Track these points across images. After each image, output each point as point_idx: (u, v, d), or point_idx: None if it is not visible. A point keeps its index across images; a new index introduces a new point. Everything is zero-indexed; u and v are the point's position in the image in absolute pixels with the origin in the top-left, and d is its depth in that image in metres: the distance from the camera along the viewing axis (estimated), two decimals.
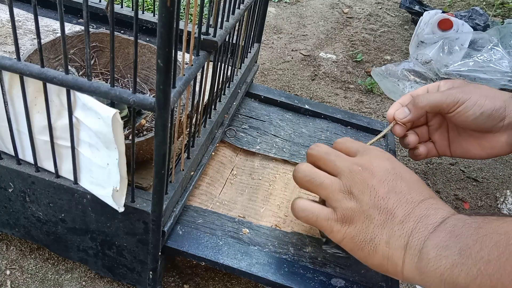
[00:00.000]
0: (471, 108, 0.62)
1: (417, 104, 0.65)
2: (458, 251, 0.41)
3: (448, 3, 1.98)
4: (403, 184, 0.50)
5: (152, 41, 0.89)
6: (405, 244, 0.46)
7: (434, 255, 0.42)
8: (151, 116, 0.67)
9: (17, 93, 0.48)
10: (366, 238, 0.48)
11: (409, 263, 0.45)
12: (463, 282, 0.39)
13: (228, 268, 0.58)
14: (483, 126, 0.64)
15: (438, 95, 0.64)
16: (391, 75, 1.30)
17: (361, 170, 0.51)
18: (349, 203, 0.50)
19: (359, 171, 0.51)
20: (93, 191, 0.52)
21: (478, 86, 0.65)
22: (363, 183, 0.50)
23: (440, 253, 0.42)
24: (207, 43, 0.52)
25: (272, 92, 0.93)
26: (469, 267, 0.39)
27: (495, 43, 1.30)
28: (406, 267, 0.46)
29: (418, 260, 0.44)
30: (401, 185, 0.50)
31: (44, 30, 0.86)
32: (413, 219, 0.46)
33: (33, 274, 0.64)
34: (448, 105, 0.63)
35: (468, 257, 0.40)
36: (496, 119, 0.63)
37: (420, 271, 0.44)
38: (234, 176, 0.74)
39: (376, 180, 0.50)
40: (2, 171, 0.56)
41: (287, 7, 1.74)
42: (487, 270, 0.38)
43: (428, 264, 0.43)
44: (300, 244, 0.64)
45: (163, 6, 0.34)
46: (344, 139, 0.61)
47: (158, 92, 0.39)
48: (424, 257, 0.43)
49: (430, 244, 0.43)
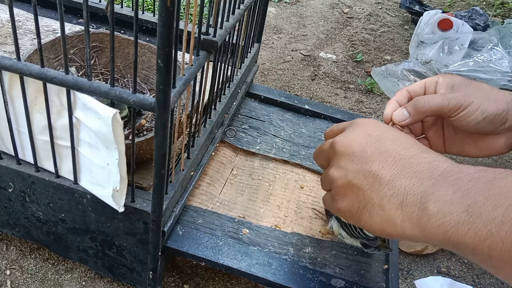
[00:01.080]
0: (474, 113, 0.60)
1: (418, 109, 0.62)
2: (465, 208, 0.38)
3: (448, 3, 1.98)
4: (388, 143, 0.48)
5: (152, 41, 0.89)
6: (400, 203, 0.44)
7: (436, 211, 0.40)
8: (151, 116, 0.67)
9: (17, 93, 0.48)
10: (360, 206, 0.47)
11: (408, 221, 0.43)
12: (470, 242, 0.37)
13: (228, 269, 0.58)
14: (485, 130, 0.61)
15: (439, 99, 0.61)
16: (391, 75, 1.30)
17: (343, 142, 0.50)
18: (335, 174, 0.49)
19: (341, 143, 0.50)
20: (93, 191, 0.52)
21: (480, 86, 0.63)
22: (344, 152, 0.49)
23: (443, 208, 0.39)
24: (207, 43, 0.52)
25: (272, 92, 0.93)
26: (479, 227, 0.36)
27: (495, 43, 1.30)
28: (406, 226, 0.43)
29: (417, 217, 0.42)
30: (386, 144, 0.48)
31: (44, 30, 0.86)
32: (405, 176, 0.44)
33: (33, 274, 0.64)
34: (450, 110, 0.60)
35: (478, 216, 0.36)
36: (498, 123, 0.60)
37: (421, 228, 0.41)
38: (234, 176, 0.74)
39: (358, 146, 0.48)
40: (2, 171, 0.56)
41: (287, 7, 1.74)
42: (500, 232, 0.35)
43: (429, 221, 0.40)
44: (300, 244, 0.64)
45: (163, 6, 0.34)
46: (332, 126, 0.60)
47: (158, 92, 0.39)
48: (425, 212, 0.41)
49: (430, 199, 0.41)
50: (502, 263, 0.35)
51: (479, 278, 0.79)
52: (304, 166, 0.78)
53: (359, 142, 0.49)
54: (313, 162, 0.78)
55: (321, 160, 0.56)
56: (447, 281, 0.67)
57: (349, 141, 0.50)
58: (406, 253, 0.84)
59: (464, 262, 0.85)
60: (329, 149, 0.52)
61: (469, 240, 0.37)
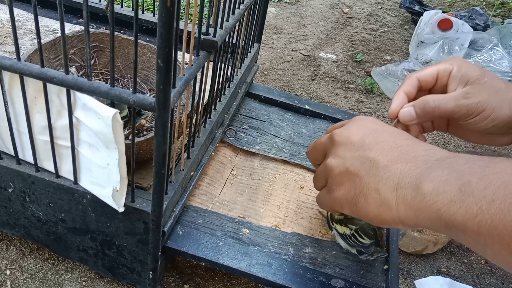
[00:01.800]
0: (484, 121, 0.58)
1: (427, 112, 0.59)
2: (458, 188, 0.39)
3: (448, 3, 1.98)
4: (386, 134, 0.49)
5: (152, 41, 0.89)
6: (396, 185, 0.44)
7: (430, 190, 0.40)
8: (151, 116, 0.67)
9: (17, 93, 0.48)
10: (356, 192, 0.48)
11: (402, 203, 0.44)
12: (461, 220, 0.38)
13: (228, 269, 0.58)
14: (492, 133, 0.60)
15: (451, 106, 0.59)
16: (391, 75, 1.30)
17: (342, 133, 0.51)
18: (333, 162, 0.50)
19: (340, 134, 0.51)
20: (93, 191, 0.52)
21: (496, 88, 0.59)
22: (344, 142, 0.50)
23: (437, 187, 0.40)
24: (207, 43, 0.52)
25: (272, 92, 0.93)
26: (469, 205, 0.37)
27: (495, 43, 1.30)
28: (400, 209, 0.44)
29: (411, 198, 0.42)
30: (383, 135, 0.49)
31: (44, 30, 0.86)
32: (402, 161, 0.45)
33: (33, 274, 0.64)
34: (461, 117, 0.59)
35: (470, 195, 0.37)
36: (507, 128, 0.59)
37: (415, 208, 0.42)
38: (234, 176, 0.74)
39: (357, 136, 0.50)
40: (2, 171, 0.56)
41: (287, 7, 1.74)
42: (489, 209, 0.36)
43: (423, 199, 0.41)
44: (300, 244, 0.64)
45: (163, 6, 0.34)
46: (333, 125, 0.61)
47: (158, 92, 0.39)
48: (419, 192, 0.41)
49: (425, 179, 0.41)
50: (491, 239, 0.36)
51: (479, 278, 0.79)
52: (304, 166, 0.78)
53: (357, 133, 0.50)
54: None
55: (316, 153, 0.57)
56: (447, 281, 0.67)
57: (348, 132, 0.51)
58: (406, 253, 0.84)
59: (464, 262, 0.85)
60: (327, 141, 0.53)
61: (460, 217, 0.38)
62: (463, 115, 0.58)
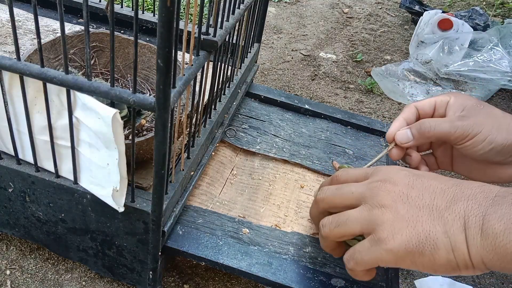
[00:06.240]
0: (480, 143, 0.58)
1: (423, 133, 0.60)
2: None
3: (448, 3, 1.98)
4: (428, 179, 0.47)
5: (152, 41, 0.89)
6: (463, 225, 0.42)
7: (502, 229, 0.39)
8: (151, 116, 0.67)
9: (17, 93, 0.48)
10: (420, 239, 0.44)
11: (473, 245, 0.41)
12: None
13: (228, 268, 0.58)
14: (492, 160, 0.60)
15: (446, 126, 0.59)
16: (391, 75, 1.30)
17: (382, 183, 0.49)
18: (385, 216, 0.46)
19: (381, 185, 0.49)
20: (93, 191, 0.52)
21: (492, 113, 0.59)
22: (390, 193, 0.47)
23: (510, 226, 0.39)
24: (207, 43, 0.52)
25: (272, 92, 0.93)
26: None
27: (495, 43, 1.30)
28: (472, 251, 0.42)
29: (482, 238, 0.41)
30: (427, 181, 0.47)
31: (44, 30, 0.86)
32: (461, 200, 0.43)
33: (33, 274, 0.64)
34: (456, 139, 0.59)
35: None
36: (506, 154, 0.58)
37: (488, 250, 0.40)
38: (234, 176, 0.74)
39: (402, 185, 0.47)
40: (2, 171, 0.56)
41: (287, 7, 1.74)
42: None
43: (496, 240, 0.39)
44: (300, 244, 0.64)
45: (163, 6, 0.34)
46: (341, 171, 0.57)
47: (158, 92, 0.39)
48: (490, 232, 0.40)
49: (492, 218, 0.40)
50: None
51: (479, 278, 0.79)
52: (304, 166, 0.78)
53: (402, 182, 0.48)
54: (313, 161, 0.78)
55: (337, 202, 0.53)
56: (447, 281, 0.67)
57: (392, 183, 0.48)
58: None
59: None
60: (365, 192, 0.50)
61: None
62: (459, 136, 0.58)
